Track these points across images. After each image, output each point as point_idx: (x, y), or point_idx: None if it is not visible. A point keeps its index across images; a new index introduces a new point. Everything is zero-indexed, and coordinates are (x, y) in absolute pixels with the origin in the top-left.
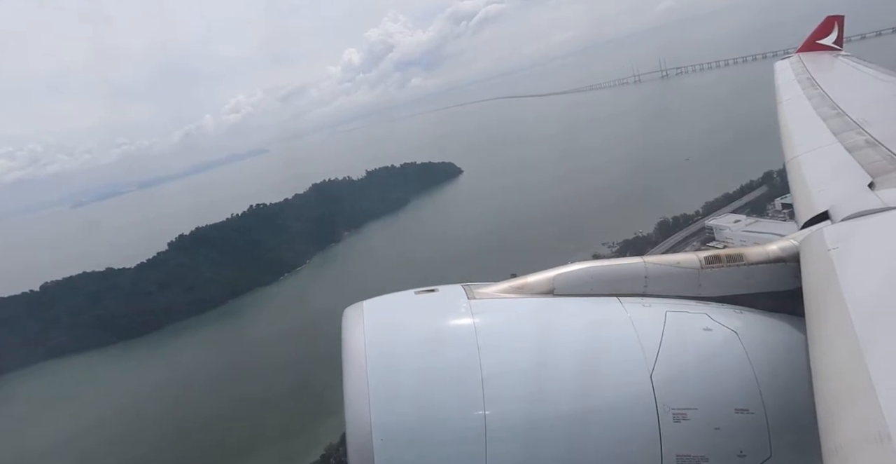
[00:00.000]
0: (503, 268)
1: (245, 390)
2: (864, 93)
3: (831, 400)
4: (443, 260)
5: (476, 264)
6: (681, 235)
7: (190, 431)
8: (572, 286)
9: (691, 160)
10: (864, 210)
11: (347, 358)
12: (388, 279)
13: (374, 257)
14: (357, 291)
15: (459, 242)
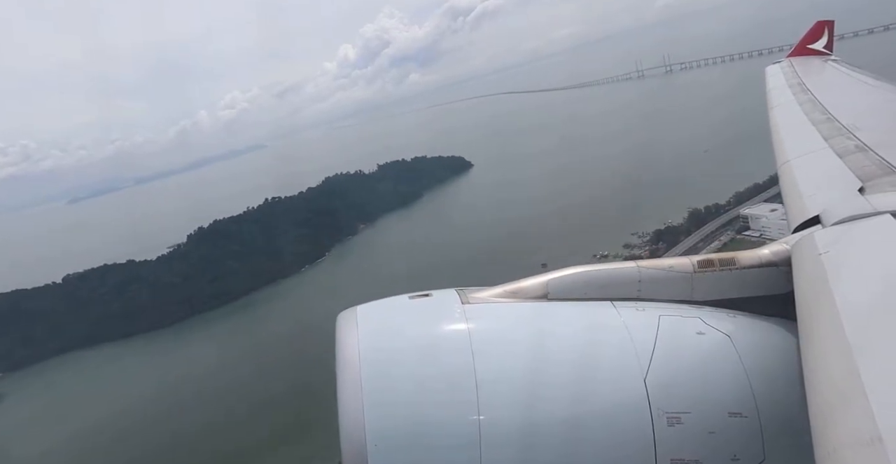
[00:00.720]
0: (531, 260)
1: (270, 383)
2: (854, 98)
3: (824, 403)
4: (462, 253)
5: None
6: (714, 224)
7: (214, 424)
8: (566, 291)
9: (710, 152)
10: (855, 214)
11: (341, 363)
12: (408, 272)
13: (392, 250)
14: (379, 283)
15: (478, 234)
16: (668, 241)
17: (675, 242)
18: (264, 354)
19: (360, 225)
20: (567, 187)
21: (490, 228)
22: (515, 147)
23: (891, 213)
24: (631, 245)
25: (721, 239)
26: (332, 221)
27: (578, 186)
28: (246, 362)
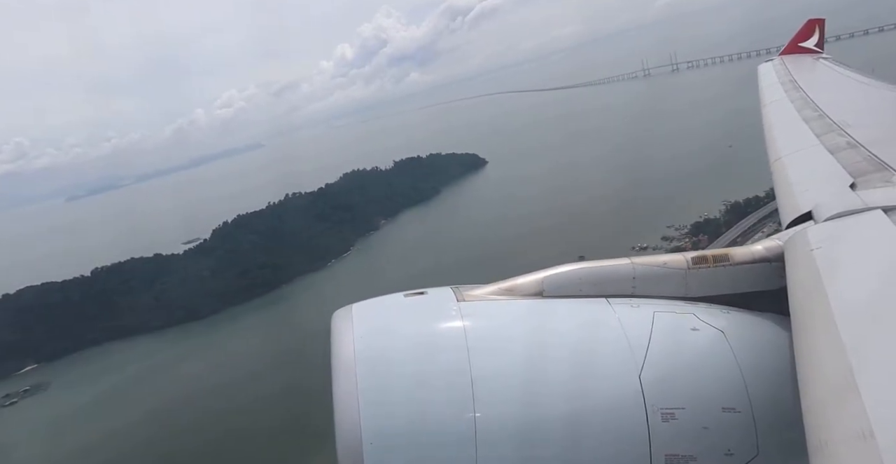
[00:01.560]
0: (564, 253)
1: (304, 377)
2: (845, 95)
3: (817, 398)
4: (491, 247)
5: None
6: (755, 216)
7: (253, 413)
8: (561, 288)
9: (734, 147)
10: (847, 210)
11: (336, 362)
12: (436, 266)
13: (415, 245)
14: (407, 276)
15: (505, 229)
16: (710, 232)
17: (717, 233)
18: (300, 346)
19: (381, 220)
20: (590, 183)
21: (517, 223)
22: (530, 144)
23: (882, 208)
24: (670, 238)
25: (764, 231)
26: (353, 216)
27: (602, 181)
28: (282, 353)
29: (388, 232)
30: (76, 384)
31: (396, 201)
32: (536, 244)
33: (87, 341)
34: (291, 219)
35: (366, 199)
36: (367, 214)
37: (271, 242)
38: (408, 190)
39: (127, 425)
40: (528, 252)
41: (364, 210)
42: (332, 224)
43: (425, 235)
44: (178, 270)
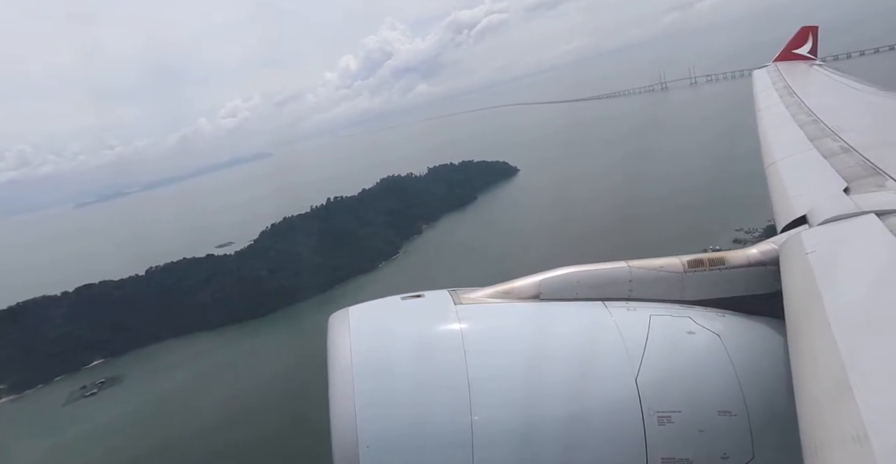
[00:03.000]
0: (622, 251)
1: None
2: (839, 101)
3: (812, 401)
4: (550, 250)
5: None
6: None
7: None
8: (558, 291)
9: None
10: (840, 214)
11: (333, 364)
12: (480, 268)
13: (460, 248)
14: (459, 277)
15: (555, 232)
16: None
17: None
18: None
19: (422, 224)
20: (646, 187)
21: (568, 226)
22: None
23: (875, 212)
24: (742, 241)
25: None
26: (395, 220)
27: (659, 185)
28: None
29: (431, 236)
30: (148, 377)
31: (435, 207)
32: (594, 246)
33: (151, 338)
34: (336, 221)
35: (405, 203)
36: (410, 218)
37: (321, 244)
38: (445, 196)
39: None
40: (587, 252)
41: (405, 214)
42: (376, 227)
43: (469, 239)
44: (233, 270)
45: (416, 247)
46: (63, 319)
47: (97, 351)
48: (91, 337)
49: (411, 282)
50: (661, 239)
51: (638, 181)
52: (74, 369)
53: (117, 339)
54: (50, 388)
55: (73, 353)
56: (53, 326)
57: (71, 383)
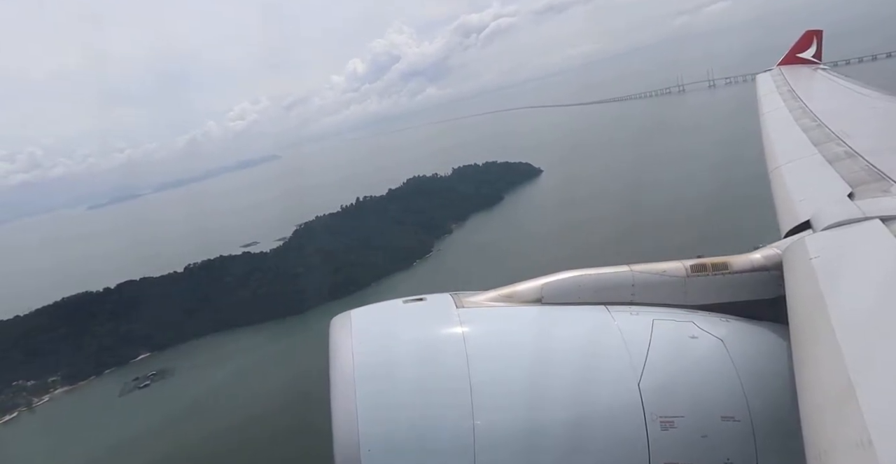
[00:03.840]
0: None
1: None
2: (843, 105)
3: (815, 407)
4: (568, 248)
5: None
6: None
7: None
8: (560, 295)
9: None
10: (845, 220)
11: (335, 367)
12: (513, 267)
13: (490, 247)
14: (489, 276)
15: (591, 231)
16: None
17: None
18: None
19: (451, 224)
20: (664, 192)
21: (603, 225)
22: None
23: (880, 218)
24: None
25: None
26: (425, 219)
27: (677, 191)
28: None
29: (461, 235)
30: (197, 371)
31: (463, 206)
32: (622, 244)
33: (194, 333)
34: (367, 220)
35: (433, 203)
36: (439, 218)
37: (355, 242)
38: (472, 196)
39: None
40: (627, 251)
41: (434, 214)
42: (407, 226)
43: (500, 238)
44: (270, 268)
45: (447, 246)
46: (108, 315)
47: (142, 345)
48: (136, 332)
49: (447, 280)
50: (689, 241)
51: (663, 183)
52: (123, 363)
53: (162, 334)
54: (101, 380)
55: (120, 347)
56: (99, 321)
57: (120, 375)
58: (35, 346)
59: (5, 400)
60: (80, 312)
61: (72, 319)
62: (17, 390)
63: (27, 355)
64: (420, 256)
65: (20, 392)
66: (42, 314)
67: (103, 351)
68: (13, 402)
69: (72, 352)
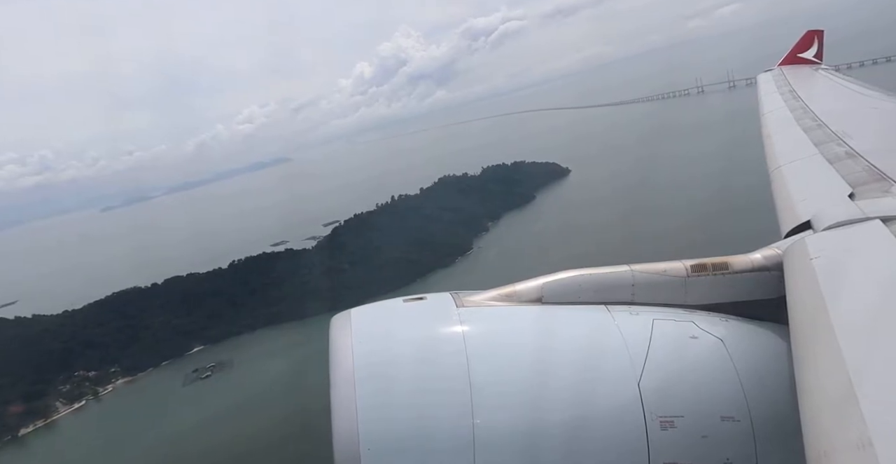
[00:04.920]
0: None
1: None
2: (844, 105)
3: (815, 408)
4: (606, 245)
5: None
6: None
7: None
8: (560, 294)
9: None
10: (845, 220)
11: (335, 366)
12: (555, 262)
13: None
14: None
15: (616, 229)
16: None
17: None
18: None
19: (488, 222)
20: (698, 191)
21: (628, 225)
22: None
23: (880, 218)
24: None
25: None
26: (461, 217)
27: (706, 190)
28: None
29: (498, 233)
30: (254, 363)
31: (496, 205)
32: (659, 240)
33: (245, 327)
34: (404, 218)
35: (467, 202)
36: (474, 216)
37: (396, 239)
38: (504, 194)
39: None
40: (668, 246)
41: (469, 212)
42: (444, 224)
43: (536, 235)
44: (313, 264)
45: (486, 243)
46: (158, 309)
47: (196, 339)
48: (189, 326)
49: (491, 276)
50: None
51: (689, 182)
52: (178, 355)
53: (214, 328)
54: (158, 371)
55: (174, 340)
56: (151, 315)
57: (177, 367)
58: (91, 339)
59: (72, 390)
60: (130, 306)
61: (124, 314)
62: (80, 380)
63: (85, 347)
64: (461, 253)
65: (83, 382)
66: (95, 308)
67: (159, 344)
68: (79, 391)
69: (128, 344)
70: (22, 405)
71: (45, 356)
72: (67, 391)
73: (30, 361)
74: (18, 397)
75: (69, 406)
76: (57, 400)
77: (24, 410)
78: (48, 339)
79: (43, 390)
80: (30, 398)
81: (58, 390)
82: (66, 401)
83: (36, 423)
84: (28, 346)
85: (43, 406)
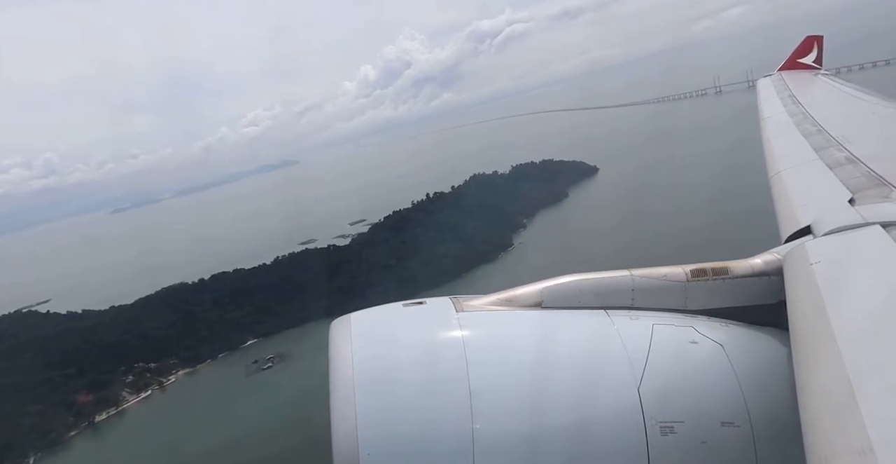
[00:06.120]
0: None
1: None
2: (844, 111)
3: (816, 413)
4: (644, 241)
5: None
6: None
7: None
8: (560, 299)
9: None
10: (845, 225)
11: (334, 371)
12: (591, 258)
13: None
14: (576, 267)
15: (652, 226)
16: None
17: None
18: None
19: (522, 219)
20: (726, 189)
21: (663, 222)
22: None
23: (880, 224)
24: None
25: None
26: (497, 214)
27: (735, 187)
28: None
29: (535, 229)
30: (311, 354)
31: (530, 202)
32: (696, 235)
33: (297, 320)
34: (441, 215)
35: (501, 199)
36: (509, 213)
37: (438, 236)
38: (537, 192)
39: None
40: (713, 239)
41: (504, 210)
42: (482, 221)
43: (574, 232)
44: (358, 259)
45: (526, 238)
46: (209, 304)
47: (249, 332)
48: (241, 319)
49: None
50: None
51: (716, 180)
52: (233, 348)
53: (265, 321)
54: (216, 363)
55: (228, 333)
56: (202, 309)
57: (233, 359)
58: (146, 332)
59: (136, 380)
60: (180, 301)
61: (175, 308)
62: (142, 371)
63: (141, 340)
64: (503, 249)
65: (144, 373)
66: (145, 303)
67: (214, 337)
68: (143, 382)
69: (184, 338)
70: (90, 394)
71: (104, 349)
72: (132, 382)
73: (89, 353)
74: (85, 386)
75: (136, 396)
76: (123, 390)
77: (94, 399)
78: (102, 332)
79: (107, 381)
80: (96, 388)
81: (122, 381)
82: (132, 390)
83: (109, 410)
84: (86, 339)
85: (112, 395)
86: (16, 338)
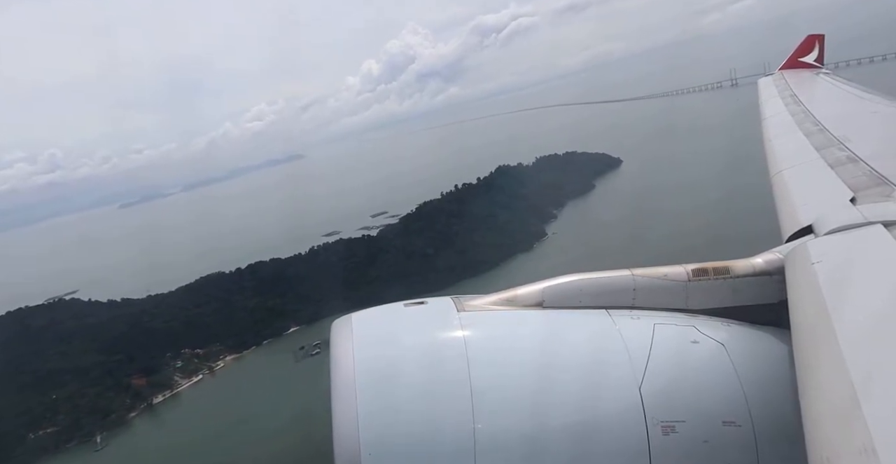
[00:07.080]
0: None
1: None
2: (845, 110)
3: (818, 413)
4: (676, 231)
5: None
6: None
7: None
8: (561, 299)
9: None
10: (847, 224)
11: (335, 371)
12: (630, 248)
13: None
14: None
15: (681, 218)
16: None
17: None
18: None
19: (552, 210)
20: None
21: (688, 214)
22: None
23: (882, 223)
24: None
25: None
26: (528, 205)
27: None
28: None
29: (566, 219)
30: None
31: (558, 193)
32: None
33: (336, 308)
34: (473, 206)
35: (528, 190)
36: (539, 203)
37: (473, 225)
38: (564, 183)
39: None
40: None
41: (533, 201)
42: (513, 211)
43: (605, 223)
44: (394, 249)
45: (557, 229)
46: (249, 292)
47: (291, 319)
48: (282, 307)
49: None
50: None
51: (738, 173)
52: (277, 335)
53: (306, 309)
54: (261, 349)
55: (271, 320)
56: (243, 297)
57: (277, 346)
58: (190, 319)
59: (186, 365)
60: (218, 290)
61: (214, 297)
62: (190, 356)
63: (186, 326)
64: (537, 238)
65: (192, 359)
66: (185, 292)
67: (257, 324)
68: (193, 366)
69: (227, 325)
70: (144, 378)
71: (150, 335)
72: (181, 366)
73: (136, 338)
74: (137, 371)
75: (188, 380)
76: (174, 374)
77: (148, 382)
78: (147, 319)
79: (157, 365)
80: (148, 372)
81: (171, 365)
82: (184, 375)
83: (164, 393)
84: (132, 325)
85: (165, 379)
86: (63, 324)
